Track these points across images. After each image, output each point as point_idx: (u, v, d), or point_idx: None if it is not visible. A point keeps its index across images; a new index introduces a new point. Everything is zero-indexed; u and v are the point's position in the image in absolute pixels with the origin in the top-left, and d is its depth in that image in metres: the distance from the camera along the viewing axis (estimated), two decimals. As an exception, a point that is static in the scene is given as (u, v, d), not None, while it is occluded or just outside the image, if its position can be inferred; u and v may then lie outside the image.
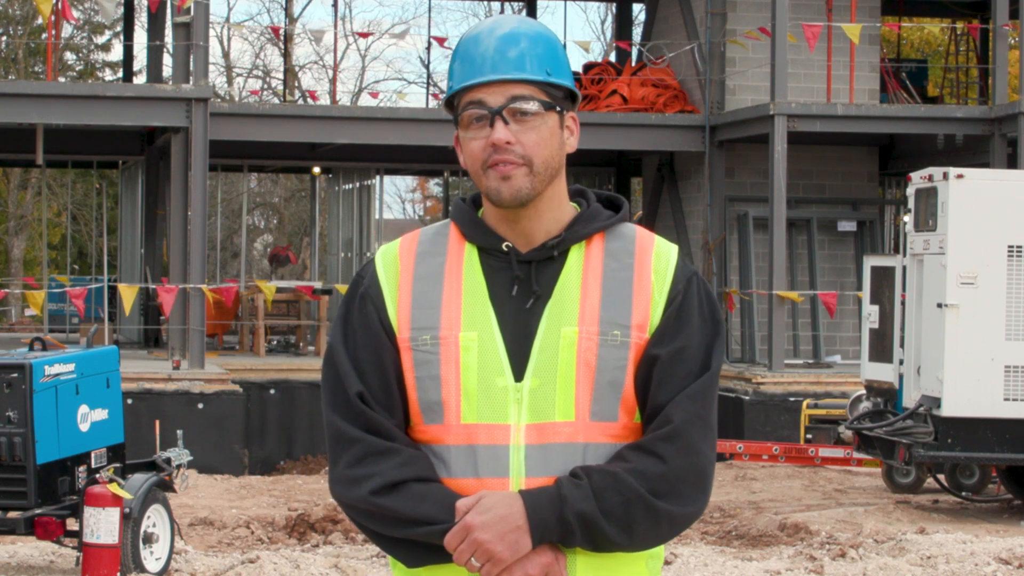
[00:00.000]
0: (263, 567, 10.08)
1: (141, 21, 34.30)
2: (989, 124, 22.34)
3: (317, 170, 28.67)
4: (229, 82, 46.59)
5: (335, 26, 31.59)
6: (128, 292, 20.94)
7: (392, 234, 38.88)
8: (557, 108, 2.92)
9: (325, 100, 44.38)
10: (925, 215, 14.32)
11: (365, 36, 44.62)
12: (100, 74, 46.02)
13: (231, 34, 46.58)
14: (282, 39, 39.44)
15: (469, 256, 2.95)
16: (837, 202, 24.71)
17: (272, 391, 21.23)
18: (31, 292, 23.32)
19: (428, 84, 37.96)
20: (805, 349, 23.96)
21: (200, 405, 19.23)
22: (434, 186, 49.06)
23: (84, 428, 10.07)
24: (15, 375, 9.65)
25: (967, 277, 13.81)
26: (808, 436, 17.48)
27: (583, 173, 28.23)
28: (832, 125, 22.17)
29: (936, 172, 14.19)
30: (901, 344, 14.86)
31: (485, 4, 37.51)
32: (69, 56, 45.81)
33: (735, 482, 16.88)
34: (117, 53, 42.94)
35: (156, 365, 20.61)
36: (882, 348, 15.36)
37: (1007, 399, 13.81)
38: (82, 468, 10.02)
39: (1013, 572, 10.47)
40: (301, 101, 42.76)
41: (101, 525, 9.52)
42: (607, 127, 23.35)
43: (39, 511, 9.71)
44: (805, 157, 23.82)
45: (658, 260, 2.94)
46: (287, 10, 46.14)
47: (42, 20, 32.36)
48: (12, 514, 9.82)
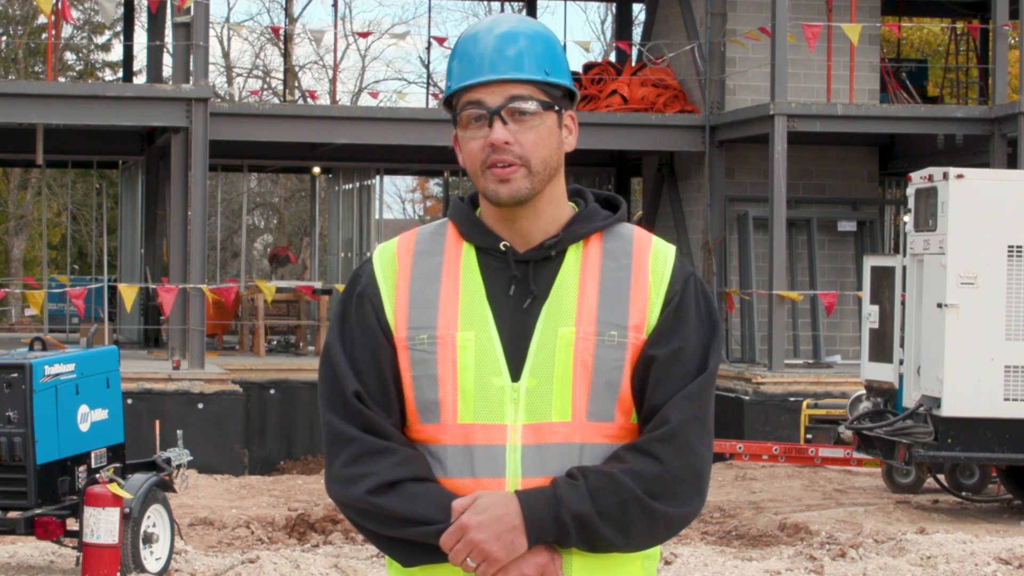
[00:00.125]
0: (263, 567, 10.07)
1: (141, 21, 34.30)
2: (989, 124, 22.33)
3: (317, 170, 28.65)
4: (229, 82, 46.57)
5: (335, 26, 31.60)
6: (128, 292, 20.94)
7: (392, 234, 38.54)
8: (556, 107, 2.91)
9: (325, 100, 44.39)
10: (925, 215, 14.31)
11: (365, 36, 44.64)
12: (100, 74, 46.01)
13: (231, 34, 46.60)
14: (282, 39, 39.43)
15: (467, 255, 2.93)
16: (837, 202, 24.70)
17: (272, 391, 21.22)
18: (31, 292, 23.32)
19: (428, 84, 37.96)
20: (805, 349, 23.95)
21: (200, 405, 19.22)
22: (434, 186, 49.06)
23: (84, 428, 10.06)
24: (15, 375, 9.65)
25: (967, 277, 13.81)
26: (808, 436, 17.47)
27: (583, 173, 28.21)
28: (832, 125, 22.16)
29: (936, 172, 14.18)
30: (901, 344, 14.85)
31: (485, 4, 37.49)
32: (69, 56, 45.80)
33: (735, 482, 16.87)
34: (117, 53, 42.95)
35: (156, 365, 20.60)
36: (882, 348, 15.35)
37: (1007, 399, 13.81)
38: (82, 468, 10.01)
39: (1013, 572, 10.46)
40: (301, 101, 42.75)
41: (101, 525, 9.51)
42: (607, 127, 23.35)
43: (39, 511, 9.70)
44: (805, 157, 23.81)
45: (655, 260, 2.93)
46: (287, 10, 46.13)
47: (44, 19, 32.37)
48: (12, 514, 9.81)
